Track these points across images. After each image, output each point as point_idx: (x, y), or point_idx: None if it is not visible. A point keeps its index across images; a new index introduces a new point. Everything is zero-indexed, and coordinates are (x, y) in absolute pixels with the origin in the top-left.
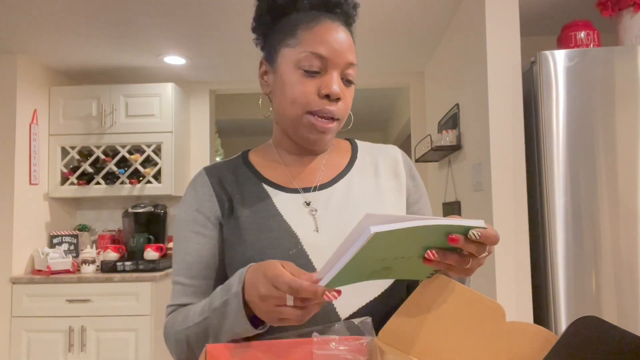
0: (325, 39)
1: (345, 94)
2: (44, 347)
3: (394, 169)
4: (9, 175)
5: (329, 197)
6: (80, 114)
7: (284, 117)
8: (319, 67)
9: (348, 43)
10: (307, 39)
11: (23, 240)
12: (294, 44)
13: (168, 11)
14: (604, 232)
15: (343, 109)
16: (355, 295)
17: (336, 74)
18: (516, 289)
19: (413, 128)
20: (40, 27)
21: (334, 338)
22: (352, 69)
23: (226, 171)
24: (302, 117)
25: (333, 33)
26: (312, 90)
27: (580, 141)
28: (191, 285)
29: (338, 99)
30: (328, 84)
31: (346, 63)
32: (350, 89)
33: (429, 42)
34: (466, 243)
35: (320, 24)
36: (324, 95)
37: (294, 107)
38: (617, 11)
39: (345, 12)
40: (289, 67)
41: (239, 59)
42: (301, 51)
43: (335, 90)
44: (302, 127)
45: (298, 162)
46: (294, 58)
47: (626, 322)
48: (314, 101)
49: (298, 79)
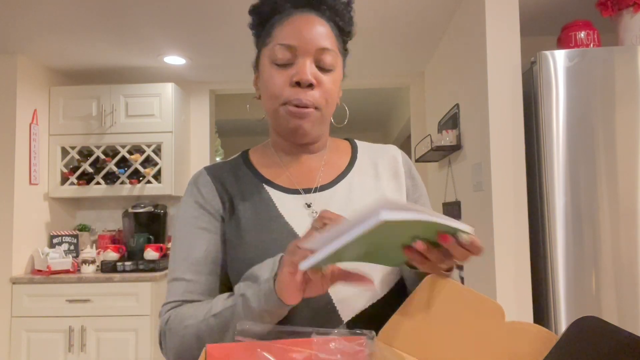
0: (293, 29)
1: (322, 81)
2: (44, 347)
3: (393, 169)
4: (9, 175)
5: (330, 199)
6: (80, 114)
7: (267, 115)
8: (289, 58)
9: (320, 30)
10: (278, 33)
11: (23, 240)
12: (268, 42)
13: (168, 11)
14: (604, 232)
15: (320, 96)
16: (358, 299)
17: (307, 61)
18: (516, 289)
19: (413, 128)
20: (40, 27)
21: (333, 338)
22: (327, 54)
23: (227, 171)
24: (278, 109)
25: (302, 23)
26: (284, 80)
27: (580, 141)
28: (196, 282)
29: (310, 85)
30: (297, 72)
31: (317, 49)
32: (330, 76)
33: (429, 42)
34: (455, 245)
35: (292, 18)
36: (295, 83)
37: (271, 101)
38: (617, 11)
39: (331, 7)
40: (266, 64)
41: (239, 59)
42: (273, 45)
43: (304, 77)
44: (281, 119)
45: (296, 161)
46: (268, 54)
47: (626, 322)
48: (286, 91)
49: (272, 73)
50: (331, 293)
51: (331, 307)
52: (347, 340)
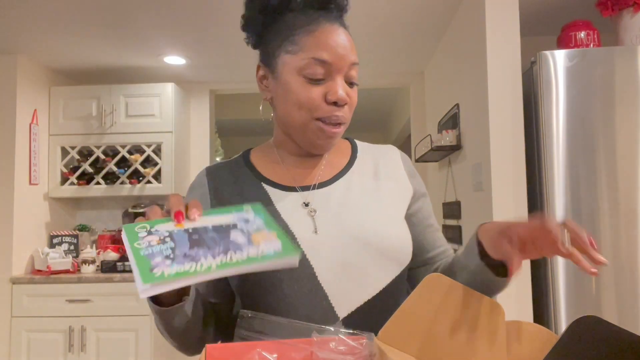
0: (327, 43)
1: (351, 97)
2: (44, 347)
3: (394, 170)
4: (9, 175)
5: (328, 196)
6: (80, 114)
7: (289, 123)
8: (322, 73)
9: (350, 44)
10: (308, 45)
11: (23, 240)
12: (295, 51)
13: (168, 11)
14: (604, 232)
15: (349, 110)
16: (354, 296)
17: (340, 79)
18: (516, 289)
19: (413, 128)
20: (40, 27)
21: (333, 338)
22: (354, 70)
23: (226, 171)
24: (309, 123)
25: (334, 36)
26: (319, 96)
27: (580, 141)
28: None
29: (345, 104)
30: (334, 91)
31: (349, 65)
32: (354, 89)
33: (429, 42)
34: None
35: (321, 28)
36: (332, 102)
37: (301, 113)
38: (617, 11)
39: (338, 4)
40: (292, 74)
41: (239, 59)
42: (303, 58)
43: (342, 97)
44: (310, 133)
45: (298, 162)
46: (296, 65)
47: (626, 322)
48: (321, 108)
49: (302, 85)
50: (327, 290)
51: (327, 304)
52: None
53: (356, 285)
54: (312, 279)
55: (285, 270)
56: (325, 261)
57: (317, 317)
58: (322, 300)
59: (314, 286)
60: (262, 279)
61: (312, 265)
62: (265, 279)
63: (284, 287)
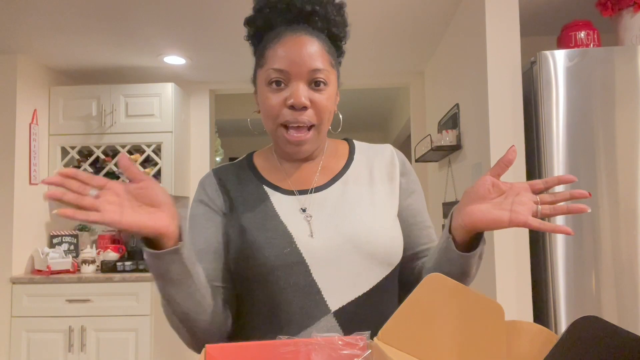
0: (283, 54)
1: (316, 100)
2: (44, 347)
3: (388, 171)
4: (9, 175)
5: (324, 200)
6: (80, 114)
7: (268, 132)
8: (283, 81)
9: (310, 51)
10: (270, 57)
11: (23, 240)
12: (262, 64)
13: (168, 11)
14: (604, 232)
15: (315, 114)
16: (346, 290)
17: (301, 84)
18: (516, 289)
19: (413, 128)
20: (40, 27)
21: (333, 337)
22: (319, 74)
23: (231, 173)
24: (276, 130)
25: (292, 46)
26: (279, 102)
27: (580, 141)
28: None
29: (304, 107)
30: (291, 95)
31: (309, 70)
32: (324, 93)
33: (429, 42)
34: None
35: (282, 40)
36: (290, 105)
37: (268, 121)
38: (617, 11)
39: (324, 17)
40: (262, 86)
41: (239, 59)
42: (266, 69)
43: (298, 101)
44: (279, 140)
45: (295, 166)
46: (263, 77)
47: (626, 322)
48: (281, 113)
49: (267, 94)
50: (320, 285)
51: (319, 297)
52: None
53: (348, 283)
54: (307, 275)
55: (283, 267)
56: (319, 261)
57: (309, 309)
58: (315, 294)
59: (309, 282)
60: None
61: (307, 264)
62: (265, 274)
63: (281, 282)
